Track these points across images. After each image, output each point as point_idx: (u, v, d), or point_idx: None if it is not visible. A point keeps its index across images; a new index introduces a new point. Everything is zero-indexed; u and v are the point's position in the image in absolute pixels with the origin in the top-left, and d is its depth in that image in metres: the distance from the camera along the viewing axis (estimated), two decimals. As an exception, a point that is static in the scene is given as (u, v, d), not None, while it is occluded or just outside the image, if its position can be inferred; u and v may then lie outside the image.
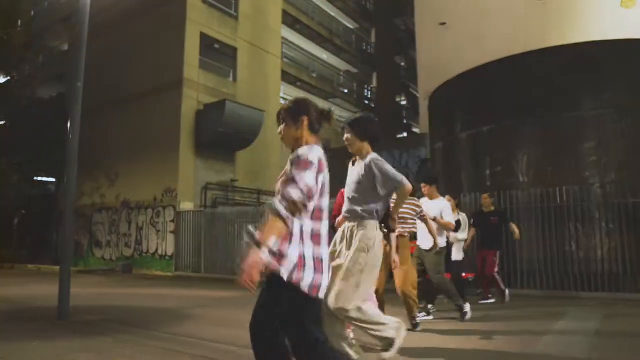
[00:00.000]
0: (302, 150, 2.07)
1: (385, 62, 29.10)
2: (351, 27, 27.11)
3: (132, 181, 16.31)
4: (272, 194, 11.00)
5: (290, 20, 21.69)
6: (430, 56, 19.20)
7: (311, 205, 2.05)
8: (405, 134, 30.78)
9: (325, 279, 2.06)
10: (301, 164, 2.01)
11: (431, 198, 5.70)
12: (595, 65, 9.07)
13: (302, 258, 2.00)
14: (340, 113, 26.39)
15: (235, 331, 4.92)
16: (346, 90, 26.70)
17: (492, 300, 7.31)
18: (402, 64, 31.77)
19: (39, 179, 20.51)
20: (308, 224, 2.05)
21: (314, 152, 2.07)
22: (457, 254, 7.17)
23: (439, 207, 5.62)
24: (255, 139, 16.55)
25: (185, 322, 5.57)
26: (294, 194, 1.94)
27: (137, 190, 16.13)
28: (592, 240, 8.43)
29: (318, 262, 2.05)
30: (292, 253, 1.98)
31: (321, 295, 2.06)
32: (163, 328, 5.06)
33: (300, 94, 23.20)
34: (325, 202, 2.14)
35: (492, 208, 7.67)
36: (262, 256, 1.84)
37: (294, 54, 23.31)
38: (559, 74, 9.22)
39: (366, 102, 27.96)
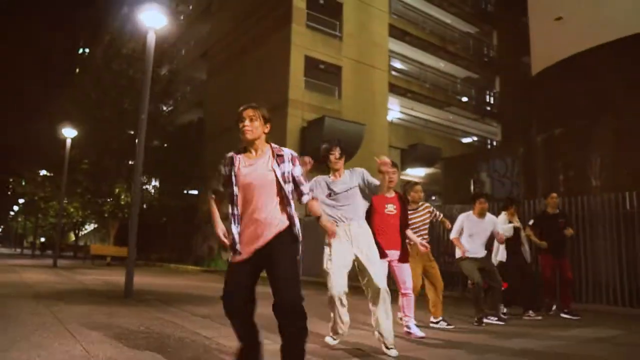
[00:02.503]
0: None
1: (510, 64, 27.42)
2: (470, 31, 26.26)
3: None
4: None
5: (398, 33, 22.00)
6: (544, 54, 17.83)
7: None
8: (538, 139, 28.49)
9: None
10: None
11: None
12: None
13: None
14: (460, 121, 25.65)
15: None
16: (465, 98, 25.85)
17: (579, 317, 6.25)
18: (533, 64, 29.50)
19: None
20: None
21: None
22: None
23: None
24: (357, 151, 17.27)
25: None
26: None
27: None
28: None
29: None
30: None
31: None
32: (199, 309, 6.10)
33: (411, 104, 23.29)
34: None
35: (557, 210, 7.04)
36: None
37: (404, 66, 23.55)
38: (632, 65, 8.25)
39: (487, 108, 26.69)
